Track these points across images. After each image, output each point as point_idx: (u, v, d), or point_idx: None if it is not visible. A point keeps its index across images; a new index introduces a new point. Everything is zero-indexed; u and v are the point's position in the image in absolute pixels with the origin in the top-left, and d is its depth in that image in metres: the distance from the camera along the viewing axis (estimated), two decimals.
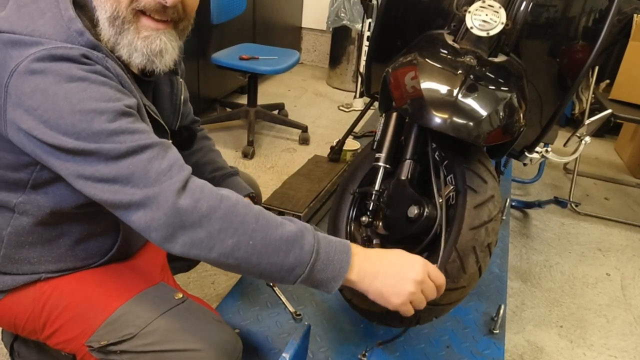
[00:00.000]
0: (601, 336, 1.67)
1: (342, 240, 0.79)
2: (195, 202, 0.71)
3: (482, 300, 1.35)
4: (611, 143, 3.30)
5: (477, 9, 1.04)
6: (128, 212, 0.73)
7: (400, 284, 0.78)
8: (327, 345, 1.15)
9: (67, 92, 0.70)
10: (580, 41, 1.18)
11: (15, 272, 0.88)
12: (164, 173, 0.72)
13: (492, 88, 0.99)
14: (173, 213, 0.70)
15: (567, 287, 1.90)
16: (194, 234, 0.71)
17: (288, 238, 0.74)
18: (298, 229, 0.76)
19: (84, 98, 0.71)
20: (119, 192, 0.72)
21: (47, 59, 0.71)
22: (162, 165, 0.73)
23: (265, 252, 0.73)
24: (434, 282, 0.82)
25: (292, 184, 1.73)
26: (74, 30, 0.75)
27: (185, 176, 0.73)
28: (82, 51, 0.74)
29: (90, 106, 0.71)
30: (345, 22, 3.46)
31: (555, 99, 1.23)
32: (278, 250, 0.73)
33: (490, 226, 0.97)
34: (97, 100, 0.72)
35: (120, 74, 0.78)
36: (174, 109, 1.00)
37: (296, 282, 0.76)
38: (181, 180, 0.72)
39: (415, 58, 1.03)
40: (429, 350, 1.17)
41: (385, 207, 1.09)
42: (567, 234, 2.25)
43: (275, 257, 0.73)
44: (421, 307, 0.82)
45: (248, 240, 0.72)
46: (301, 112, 3.31)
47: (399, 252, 0.82)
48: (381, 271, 0.78)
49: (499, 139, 0.97)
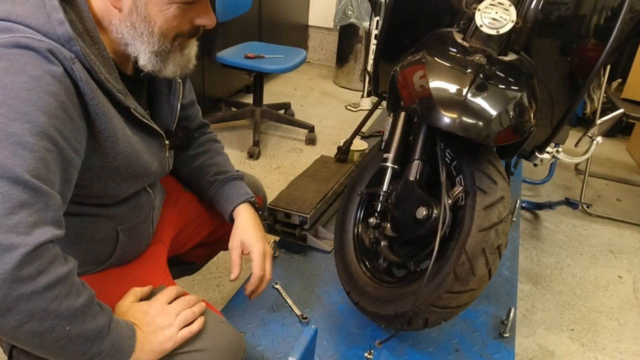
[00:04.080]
0: (613, 339, 1.65)
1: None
2: (36, 275, 0.61)
3: (492, 303, 1.33)
4: (623, 143, 3.26)
5: (487, 7, 1.03)
6: None
7: (159, 335, 0.81)
8: (334, 348, 1.14)
9: (10, 83, 0.65)
10: (592, 39, 1.16)
11: None
12: (24, 225, 0.61)
13: (502, 87, 0.98)
14: (7, 279, 0.59)
15: (578, 290, 1.87)
16: (13, 311, 0.60)
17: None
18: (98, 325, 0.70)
19: (21, 97, 0.65)
20: None
21: (10, 45, 0.67)
22: (30, 217, 0.62)
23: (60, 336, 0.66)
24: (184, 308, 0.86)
25: (299, 185, 1.72)
26: (54, 19, 0.71)
27: (43, 240, 0.62)
28: (50, 46, 0.69)
29: (23, 108, 0.64)
30: (353, 20, 3.45)
31: (566, 98, 1.21)
32: (95, 317, 0.70)
33: (500, 228, 0.96)
34: (33, 106, 0.65)
35: (85, 80, 0.72)
36: (171, 110, 0.98)
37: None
38: (36, 243, 0.61)
39: (424, 57, 1.02)
40: (438, 354, 1.15)
41: (393, 209, 1.08)
42: (578, 236, 2.22)
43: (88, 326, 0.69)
44: (192, 319, 0.86)
45: (57, 330, 0.65)
46: (308, 112, 3.30)
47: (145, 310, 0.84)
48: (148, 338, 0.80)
49: (509, 139, 0.96)
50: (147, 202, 0.96)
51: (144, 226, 0.98)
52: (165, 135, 0.94)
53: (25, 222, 0.61)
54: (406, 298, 1.05)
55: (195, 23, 0.83)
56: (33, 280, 0.61)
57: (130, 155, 0.83)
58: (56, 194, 0.67)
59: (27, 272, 0.61)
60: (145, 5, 0.77)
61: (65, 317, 0.65)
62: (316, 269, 1.41)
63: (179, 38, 0.83)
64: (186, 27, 0.83)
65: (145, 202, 0.95)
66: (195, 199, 1.19)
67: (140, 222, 0.95)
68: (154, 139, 0.91)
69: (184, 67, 0.88)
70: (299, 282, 1.35)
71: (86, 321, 0.68)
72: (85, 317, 0.68)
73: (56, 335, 0.65)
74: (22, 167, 0.62)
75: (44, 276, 0.62)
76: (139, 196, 0.93)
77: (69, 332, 0.66)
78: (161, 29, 0.80)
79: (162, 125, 0.95)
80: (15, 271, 0.59)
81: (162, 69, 0.84)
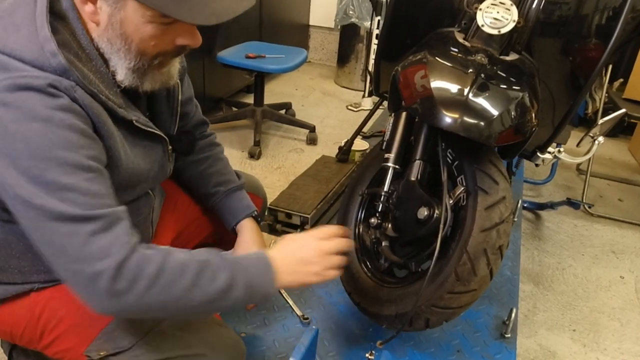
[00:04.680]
0: (615, 340, 1.64)
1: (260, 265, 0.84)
2: (130, 284, 0.71)
3: (494, 304, 1.33)
4: (625, 143, 3.25)
5: (489, 7, 1.03)
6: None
7: (306, 268, 0.88)
8: (335, 349, 1.14)
9: (27, 134, 0.67)
10: (594, 39, 1.16)
11: (6, 281, 0.86)
12: (100, 252, 0.69)
13: (503, 87, 0.97)
14: (107, 297, 0.70)
15: (580, 290, 1.86)
16: (131, 311, 0.74)
17: (220, 293, 0.77)
18: (226, 284, 0.78)
19: (43, 144, 0.68)
20: (54, 257, 0.71)
21: (12, 88, 0.67)
22: (101, 242, 0.70)
23: (201, 309, 0.79)
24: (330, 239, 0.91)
25: (300, 185, 1.72)
26: (47, 51, 0.70)
27: (122, 257, 0.70)
28: (49, 80, 0.69)
29: (49, 154, 0.68)
30: (354, 20, 3.44)
31: (567, 98, 1.21)
32: (212, 304, 0.78)
33: (501, 228, 0.96)
34: (57, 147, 0.68)
35: (89, 105, 0.73)
36: (172, 113, 0.97)
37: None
38: (117, 261, 0.70)
39: (425, 56, 1.02)
40: (439, 354, 1.15)
41: (394, 209, 1.08)
42: (580, 236, 2.21)
43: (210, 308, 0.81)
44: (340, 263, 0.91)
45: (185, 306, 0.76)
46: (309, 112, 3.30)
47: (293, 240, 0.91)
48: (295, 266, 0.87)
49: (511, 139, 0.96)
50: (147, 204, 0.96)
51: (143, 227, 0.98)
52: (168, 139, 0.94)
53: (99, 247, 0.69)
54: (407, 298, 1.04)
55: (177, 43, 0.79)
56: (133, 289, 0.70)
57: (132, 172, 0.84)
58: (114, 207, 0.73)
59: (122, 285, 0.70)
60: (120, 22, 0.74)
61: (183, 296, 0.74)
62: None
63: (159, 57, 0.80)
64: (168, 46, 0.79)
65: (145, 203, 0.95)
66: (194, 201, 1.18)
67: (139, 223, 0.95)
68: (156, 144, 0.91)
69: (163, 83, 0.85)
70: None
71: (205, 289, 0.75)
72: (201, 287, 0.75)
73: (188, 309, 0.75)
74: (73, 206, 0.68)
75: (140, 282, 0.71)
76: (138, 198, 0.92)
77: (197, 303, 0.75)
78: (138, 47, 0.76)
79: (164, 128, 0.94)
80: (111, 289, 0.69)
81: (140, 85, 0.81)
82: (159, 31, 0.75)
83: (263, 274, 0.82)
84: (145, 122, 0.86)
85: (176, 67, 0.86)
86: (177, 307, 0.75)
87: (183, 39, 0.79)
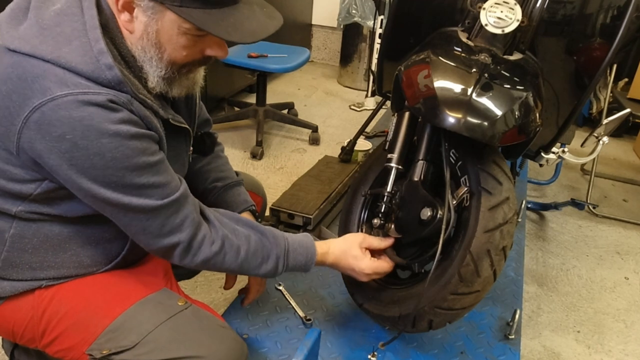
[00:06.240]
0: (619, 341, 1.63)
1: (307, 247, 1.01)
2: (196, 252, 0.88)
3: (497, 305, 1.32)
4: (630, 143, 3.24)
5: (492, 6, 1.02)
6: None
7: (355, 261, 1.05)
8: (337, 350, 1.13)
9: (100, 149, 0.73)
10: (598, 39, 1.15)
11: (15, 277, 0.87)
12: (176, 228, 0.84)
13: (507, 87, 0.97)
14: (179, 260, 0.88)
15: (584, 292, 1.85)
16: (196, 268, 0.93)
17: (265, 273, 0.97)
18: (273, 267, 0.97)
19: (116, 157, 0.75)
20: (136, 235, 0.85)
21: (74, 106, 0.71)
22: (176, 221, 0.84)
23: (249, 274, 1.01)
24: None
25: (302, 186, 1.71)
26: (103, 64, 0.73)
27: (191, 233, 0.86)
28: (109, 96, 0.73)
29: (123, 164, 0.76)
30: (357, 19, 3.44)
31: (572, 98, 1.20)
32: (258, 274, 0.97)
33: (505, 229, 0.96)
34: (128, 157, 0.76)
35: (143, 115, 0.79)
36: (190, 114, 1.00)
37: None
38: (188, 236, 0.85)
39: (429, 56, 1.01)
40: (443, 356, 1.14)
41: (397, 209, 1.08)
42: (584, 237, 2.20)
43: (257, 274, 0.98)
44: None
45: (237, 270, 0.95)
46: (311, 112, 3.29)
47: (351, 262, 1.05)
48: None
49: (515, 139, 0.95)
50: None
51: None
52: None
53: (175, 225, 0.84)
54: (410, 300, 1.04)
55: (205, 54, 0.83)
56: (198, 256, 0.88)
57: None
58: (179, 188, 0.84)
59: (192, 253, 0.87)
60: (156, 32, 0.77)
61: (236, 267, 0.92)
62: (319, 270, 1.40)
63: (188, 66, 0.84)
64: (196, 56, 0.83)
65: None
66: None
67: None
68: (180, 144, 0.95)
69: (189, 89, 0.89)
70: (303, 283, 1.34)
71: (254, 266, 0.95)
72: (250, 263, 0.94)
73: (239, 271, 0.95)
74: (149, 199, 0.80)
75: (202, 253, 0.88)
76: None
77: (246, 271, 0.95)
78: (170, 56, 0.80)
79: None
80: (183, 255, 0.87)
81: (169, 91, 0.85)
82: (192, 42, 0.80)
83: (303, 266, 1.01)
84: (180, 119, 0.90)
85: (201, 74, 0.90)
86: (230, 270, 0.93)
87: (212, 50, 0.83)
